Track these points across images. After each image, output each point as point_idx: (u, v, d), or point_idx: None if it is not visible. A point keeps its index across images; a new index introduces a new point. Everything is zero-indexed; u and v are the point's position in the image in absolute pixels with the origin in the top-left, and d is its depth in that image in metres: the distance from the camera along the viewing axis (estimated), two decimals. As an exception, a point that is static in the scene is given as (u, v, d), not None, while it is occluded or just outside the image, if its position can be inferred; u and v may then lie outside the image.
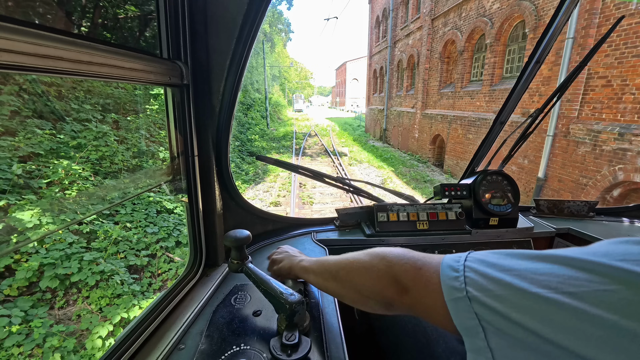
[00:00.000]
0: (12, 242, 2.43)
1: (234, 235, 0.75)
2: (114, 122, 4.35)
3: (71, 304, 2.88)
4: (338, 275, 0.60)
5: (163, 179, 0.84)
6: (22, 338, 2.32)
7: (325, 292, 0.69)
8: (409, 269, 0.47)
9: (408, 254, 0.50)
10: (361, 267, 0.55)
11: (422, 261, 0.46)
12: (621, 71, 4.37)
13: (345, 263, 0.60)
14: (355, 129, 22.45)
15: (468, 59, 8.65)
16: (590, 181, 4.83)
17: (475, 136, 8.03)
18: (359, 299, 0.57)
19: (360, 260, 0.56)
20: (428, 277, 0.43)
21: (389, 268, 0.49)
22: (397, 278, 0.48)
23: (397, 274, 0.48)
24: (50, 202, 2.93)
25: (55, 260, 2.79)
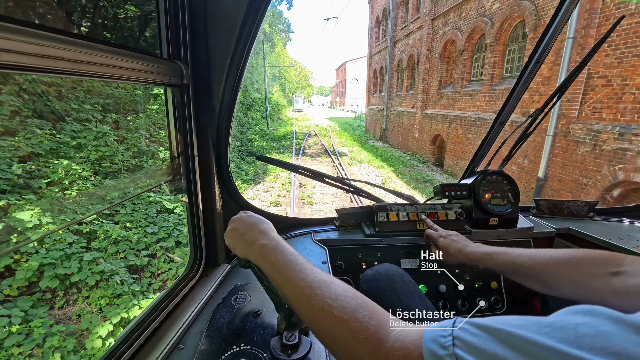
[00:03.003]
0: (12, 242, 2.43)
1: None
2: (114, 122, 4.35)
3: (71, 304, 2.88)
4: (302, 291, 0.50)
5: (163, 179, 0.84)
6: (22, 338, 2.32)
7: (280, 290, 0.57)
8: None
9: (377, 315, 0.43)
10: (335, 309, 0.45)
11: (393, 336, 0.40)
12: (621, 71, 4.37)
13: (319, 286, 0.49)
14: (355, 128, 22.45)
15: (468, 58, 8.65)
16: (590, 181, 4.83)
17: (475, 136, 8.03)
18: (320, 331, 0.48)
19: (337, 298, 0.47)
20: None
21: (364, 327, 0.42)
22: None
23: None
24: (50, 202, 2.93)
25: (55, 260, 2.80)
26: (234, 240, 0.66)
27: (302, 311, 0.50)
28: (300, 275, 0.52)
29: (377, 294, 0.91)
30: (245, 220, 0.67)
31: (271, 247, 0.59)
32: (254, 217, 0.68)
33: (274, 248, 0.59)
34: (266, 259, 0.58)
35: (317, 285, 0.49)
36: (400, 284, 0.92)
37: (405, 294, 0.89)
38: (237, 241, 0.65)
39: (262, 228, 0.64)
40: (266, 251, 0.59)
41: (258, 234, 0.63)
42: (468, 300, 1.17)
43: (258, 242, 0.61)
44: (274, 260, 0.57)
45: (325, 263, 1.01)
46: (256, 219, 0.67)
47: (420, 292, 0.93)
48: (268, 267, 0.57)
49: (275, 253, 0.57)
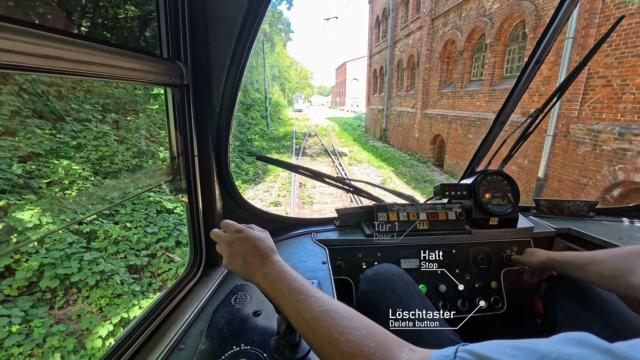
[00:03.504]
0: (12, 242, 2.43)
1: None
2: (114, 122, 4.35)
3: (71, 303, 2.88)
4: (308, 323, 0.50)
5: (163, 179, 0.84)
6: (22, 338, 2.32)
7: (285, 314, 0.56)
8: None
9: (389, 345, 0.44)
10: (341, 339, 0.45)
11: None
12: (621, 71, 4.37)
13: (325, 314, 0.49)
14: (355, 128, 22.45)
15: (468, 58, 8.65)
16: (590, 181, 4.83)
17: (475, 136, 8.03)
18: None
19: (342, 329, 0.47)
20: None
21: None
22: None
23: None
24: (50, 202, 2.93)
25: (55, 260, 2.80)
26: (234, 267, 0.64)
27: (310, 343, 0.51)
28: (305, 306, 0.51)
29: (377, 293, 0.91)
30: (243, 244, 0.64)
31: (274, 275, 0.58)
32: (250, 237, 0.65)
33: (277, 275, 0.58)
34: (270, 288, 0.57)
35: (323, 317, 0.49)
36: (400, 283, 0.92)
37: (405, 294, 0.89)
38: (238, 268, 0.63)
39: (261, 251, 0.62)
40: (269, 279, 0.58)
41: (258, 259, 0.61)
42: (468, 300, 1.17)
43: (260, 270, 0.60)
44: (277, 289, 0.56)
45: (325, 263, 1.01)
46: (253, 240, 0.64)
47: (420, 292, 0.93)
48: (273, 296, 0.57)
49: (278, 281, 0.57)
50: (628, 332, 0.75)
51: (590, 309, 0.83)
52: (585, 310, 0.84)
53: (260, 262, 0.61)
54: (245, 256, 0.62)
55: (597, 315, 0.81)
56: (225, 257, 0.65)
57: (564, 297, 0.91)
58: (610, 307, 0.82)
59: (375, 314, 0.88)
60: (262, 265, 0.60)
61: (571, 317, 0.86)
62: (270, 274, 0.58)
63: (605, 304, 0.83)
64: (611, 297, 0.86)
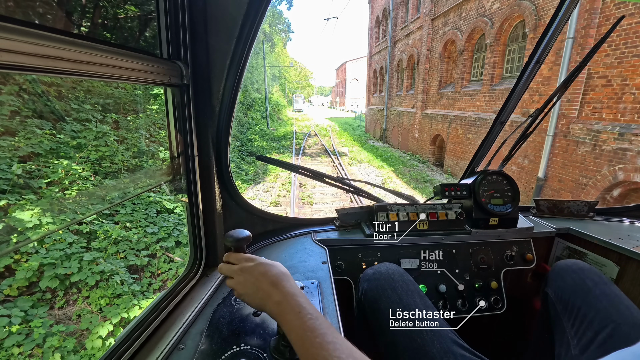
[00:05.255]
0: (12, 242, 2.43)
1: (235, 235, 0.73)
2: (114, 122, 4.35)
3: (71, 304, 2.88)
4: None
5: (163, 179, 0.84)
6: (22, 338, 2.32)
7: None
8: None
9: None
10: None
11: None
12: (621, 71, 4.38)
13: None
14: (355, 129, 22.44)
15: (468, 58, 8.65)
16: (590, 181, 4.83)
17: (475, 136, 8.03)
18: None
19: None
20: None
21: None
22: None
23: None
24: (50, 202, 2.93)
25: (55, 260, 2.80)
26: (246, 298, 0.61)
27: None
28: (322, 353, 0.46)
29: (377, 292, 0.91)
30: (252, 271, 0.61)
31: (287, 307, 0.54)
32: (260, 263, 0.62)
33: (291, 308, 0.53)
34: (283, 321, 0.54)
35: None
36: (400, 283, 0.92)
37: (405, 293, 0.89)
38: (249, 298, 0.60)
39: (272, 277, 0.58)
40: (282, 310, 0.54)
41: (269, 286, 0.57)
42: (468, 300, 1.17)
43: (271, 298, 0.56)
44: (291, 325, 0.52)
45: (325, 263, 1.01)
46: (262, 266, 0.61)
47: (420, 292, 0.93)
48: (285, 330, 0.53)
49: (292, 315, 0.52)
50: (630, 327, 0.73)
51: (590, 304, 0.81)
52: (584, 304, 0.82)
53: (271, 289, 0.57)
54: (256, 284, 0.59)
55: (597, 311, 0.79)
56: (237, 289, 0.62)
57: (563, 290, 0.90)
58: (611, 301, 0.80)
59: (375, 313, 0.88)
60: (273, 292, 0.56)
61: (571, 312, 0.84)
62: (282, 304, 0.54)
63: (605, 297, 0.81)
64: (612, 289, 0.84)
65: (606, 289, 0.84)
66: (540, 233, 1.28)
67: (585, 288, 0.86)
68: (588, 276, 0.89)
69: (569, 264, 0.96)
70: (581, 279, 0.89)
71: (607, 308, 0.79)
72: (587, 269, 0.92)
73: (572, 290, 0.88)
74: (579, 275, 0.90)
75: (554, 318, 0.90)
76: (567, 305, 0.86)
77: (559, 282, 0.93)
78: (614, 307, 0.79)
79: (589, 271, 0.91)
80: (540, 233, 1.28)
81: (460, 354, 0.76)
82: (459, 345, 0.78)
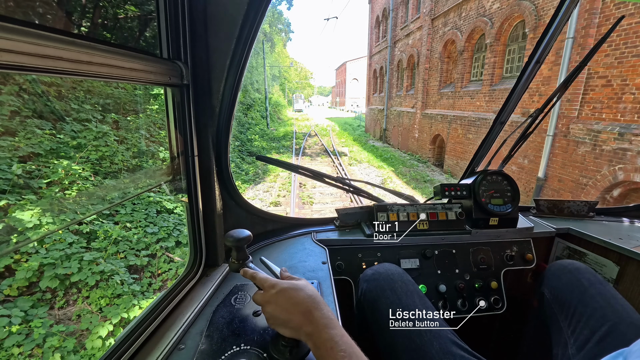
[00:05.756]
0: (12, 242, 2.43)
1: (235, 235, 0.73)
2: (114, 122, 4.35)
3: (71, 304, 2.88)
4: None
5: (163, 179, 0.84)
6: (22, 338, 2.32)
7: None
8: None
9: None
10: None
11: None
12: (621, 71, 4.38)
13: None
14: (355, 129, 22.44)
15: (468, 58, 8.65)
16: (590, 181, 4.83)
17: (475, 136, 8.03)
18: None
19: None
20: None
21: None
22: None
23: None
24: (50, 202, 2.93)
25: (55, 260, 2.80)
26: (279, 329, 0.59)
27: None
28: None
29: (376, 293, 0.91)
30: (278, 300, 0.59)
31: (319, 341, 0.52)
32: (285, 289, 0.59)
33: (322, 342, 0.51)
34: (314, 351, 0.52)
35: None
36: (400, 283, 0.92)
37: (405, 294, 0.89)
38: (281, 329, 0.58)
39: (300, 304, 0.56)
40: (313, 343, 0.53)
41: (299, 315, 0.55)
42: (468, 300, 1.17)
43: (303, 330, 0.54)
44: (322, 357, 0.51)
45: (325, 263, 1.01)
46: (288, 292, 0.58)
47: (420, 292, 0.93)
48: (315, 355, 0.52)
49: (323, 350, 0.51)
50: (625, 326, 0.74)
51: (586, 303, 0.82)
52: (580, 303, 0.83)
53: (302, 319, 0.55)
54: (286, 315, 0.57)
55: (594, 310, 0.80)
56: (268, 320, 0.61)
57: (559, 289, 0.90)
58: (607, 301, 0.81)
59: (374, 314, 0.88)
60: (304, 323, 0.54)
61: (567, 312, 0.85)
62: (314, 337, 0.52)
63: (600, 296, 0.82)
64: (607, 289, 0.84)
65: (602, 288, 0.84)
66: (540, 233, 1.28)
67: (581, 288, 0.86)
68: (584, 276, 0.89)
69: (565, 264, 0.97)
70: (577, 278, 0.89)
71: (603, 307, 0.79)
72: (583, 268, 0.93)
73: (568, 289, 0.88)
74: (575, 275, 0.90)
75: (550, 318, 0.90)
76: (564, 305, 0.87)
77: (555, 282, 0.93)
78: (610, 306, 0.79)
79: (584, 271, 0.91)
80: (540, 233, 1.28)
81: (459, 354, 0.76)
82: (458, 346, 0.78)
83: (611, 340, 0.73)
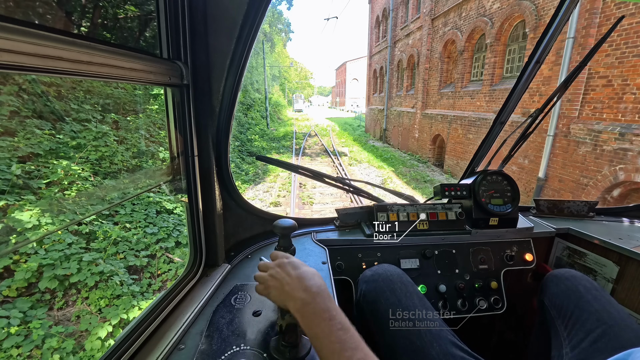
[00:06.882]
0: (11, 242, 2.43)
1: (282, 224, 0.77)
2: (113, 122, 4.35)
3: (70, 304, 2.88)
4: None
5: (163, 179, 0.84)
6: (21, 339, 2.31)
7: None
8: None
9: None
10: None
11: None
12: (622, 71, 4.37)
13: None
14: (355, 129, 22.45)
15: (468, 58, 8.65)
16: (591, 181, 4.83)
17: (475, 136, 8.03)
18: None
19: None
20: None
21: None
22: None
23: None
24: (49, 203, 2.92)
25: (55, 261, 2.79)
26: (274, 293, 0.58)
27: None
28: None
29: (375, 294, 0.91)
30: (284, 265, 0.59)
31: (315, 310, 0.51)
32: (293, 261, 0.60)
33: (319, 312, 0.51)
34: (307, 323, 0.51)
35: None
36: (399, 284, 0.92)
37: (404, 295, 0.89)
38: (276, 293, 0.57)
39: (302, 275, 0.56)
40: (309, 312, 0.52)
41: (297, 282, 0.55)
42: (468, 300, 1.17)
43: (299, 295, 0.54)
44: (317, 330, 0.50)
45: (325, 263, 1.00)
46: (295, 263, 0.59)
47: (419, 293, 0.93)
48: (310, 334, 0.51)
49: (320, 320, 0.50)
50: (619, 328, 0.77)
51: (582, 308, 0.85)
52: (577, 308, 0.86)
53: (298, 284, 0.55)
54: (284, 279, 0.57)
55: (590, 313, 0.83)
56: (261, 278, 0.61)
57: (556, 296, 0.93)
58: (603, 306, 0.84)
59: (374, 315, 0.88)
60: (304, 293, 0.54)
61: (564, 316, 0.88)
62: (311, 306, 0.52)
63: (596, 301, 0.85)
64: (603, 295, 0.88)
65: (597, 294, 0.87)
66: (540, 233, 1.28)
67: (577, 294, 0.89)
68: (580, 283, 0.92)
69: (562, 272, 1.00)
70: (574, 285, 0.92)
71: (599, 311, 0.82)
72: (579, 276, 0.96)
73: (565, 296, 0.91)
74: (572, 282, 0.93)
75: (549, 324, 0.93)
76: (561, 310, 0.89)
77: (553, 289, 0.96)
78: (605, 310, 0.82)
79: (581, 278, 0.94)
80: (540, 233, 1.28)
81: (459, 355, 0.76)
82: (457, 347, 0.79)
83: (605, 341, 0.75)
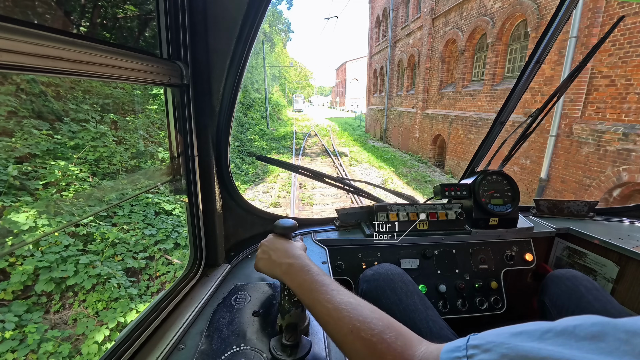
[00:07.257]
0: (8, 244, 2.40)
1: (282, 224, 0.76)
2: (112, 123, 4.34)
3: (67, 307, 2.84)
4: (330, 313, 0.51)
5: (163, 179, 0.84)
6: (16, 343, 2.27)
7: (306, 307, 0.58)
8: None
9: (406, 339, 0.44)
10: (361, 328, 0.47)
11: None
12: (625, 70, 4.34)
13: (344, 307, 0.50)
14: (355, 129, 22.44)
15: (469, 58, 8.64)
16: (593, 182, 4.81)
17: (476, 136, 8.02)
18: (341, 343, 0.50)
19: (363, 319, 0.48)
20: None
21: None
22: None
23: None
24: (46, 204, 2.90)
25: (51, 263, 2.75)
26: (262, 262, 0.69)
27: (331, 333, 0.52)
28: (327, 297, 0.53)
29: (376, 294, 0.91)
30: (273, 241, 0.71)
31: (297, 267, 0.61)
32: (281, 238, 0.71)
33: (300, 267, 0.60)
34: (293, 279, 0.60)
35: (345, 307, 0.51)
36: (400, 284, 0.92)
37: (405, 294, 0.89)
38: (265, 262, 0.68)
39: (288, 246, 0.67)
40: (293, 270, 0.61)
41: (284, 252, 0.66)
42: (468, 300, 1.17)
43: (285, 260, 0.64)
44: (300, 280, 0.58)
45: (325, 263, 1.00)
46: (283, 239, 0.71)
47: (420, 292, 0.93)
48: (295, 287, 0.59)
49: (302, 273, 0.59)
50: None
51: (582, 308, 0.86)
52: (577, 309, 0.87)
53: (285, 254, 0.65)
54: (272, 250, 0.68)
55: (589, 313, 0.82)
56: (257, 254, 0.71)
57: (557, 296, 0.94)
58: (603, 306, 0.84)
59: None
60: (286, 257, 0.64)
61: (564, 316, 0.87)
62: (293, 266, 0.61)
63: (597, 302, 0.86)
64: (603, 295, 0.88)
65: (598, 294, 0.88)
66: (540, 233, 1.28)
67: (578, 294, 0.90)
68: (581, 283, 0.93)
69: (563, 272, 1.00)
70: (575, 285, 0.92)
71: (599, 311, 0.83)
72: (580, 276, 0.96)
73: (566, 296, 0.92)
74: (573, 283, 0.94)
75: (549, 318, 0.93)
76: (562, 311, 0.90)
77: (554, 289, 0.96)
78: (605, 310, 0.83)
79: (582, 278, 0.95)
80: (540, 233, 1.28)
81: None
82: None
83: None
